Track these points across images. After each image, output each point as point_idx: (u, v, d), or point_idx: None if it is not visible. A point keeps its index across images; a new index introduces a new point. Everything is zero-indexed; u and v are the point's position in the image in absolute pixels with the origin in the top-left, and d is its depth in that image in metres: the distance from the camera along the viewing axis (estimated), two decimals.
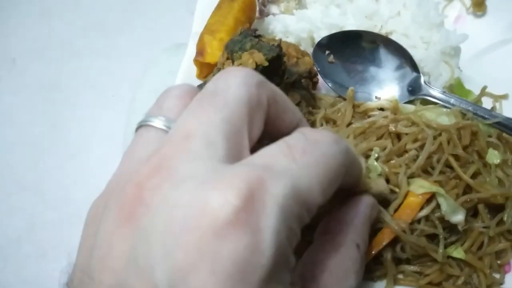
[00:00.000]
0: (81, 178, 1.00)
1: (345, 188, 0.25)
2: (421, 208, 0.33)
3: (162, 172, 0.18)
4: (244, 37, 0.38)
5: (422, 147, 0.36)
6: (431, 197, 0.33)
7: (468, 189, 0.35)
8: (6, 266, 0.98)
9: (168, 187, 0.17)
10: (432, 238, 0.35)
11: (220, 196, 0.16)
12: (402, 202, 0.33)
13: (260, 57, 0.36)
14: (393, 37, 0.46)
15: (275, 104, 0.22)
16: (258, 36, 0.38)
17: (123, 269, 0.16)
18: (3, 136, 1.14)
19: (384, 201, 0.33)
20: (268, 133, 0.22)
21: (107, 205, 0.19)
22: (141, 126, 0.22)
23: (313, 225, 0.25)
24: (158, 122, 0.22)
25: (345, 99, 0.42)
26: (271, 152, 0.19)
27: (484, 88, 0.44)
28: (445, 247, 0.35)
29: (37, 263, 0.97)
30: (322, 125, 0.41)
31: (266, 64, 0.36)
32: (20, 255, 1.03)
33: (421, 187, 0.33)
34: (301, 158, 0.19)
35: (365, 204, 0.27)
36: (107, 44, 1.26)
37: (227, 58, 0.37)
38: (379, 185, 0.32)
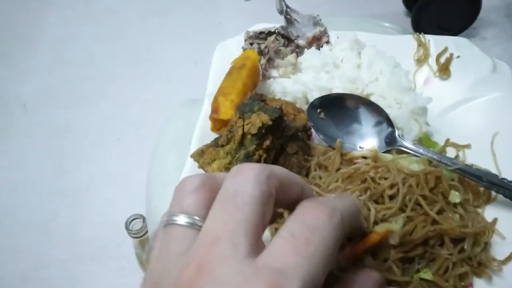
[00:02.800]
0: (87, 218, 1.04)
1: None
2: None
3: (203, 274, 0.20)
4: (252, 101, 0.46)
5: (397, 190, 0.44)
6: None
7: (434, 223, 0.43)
8: None
9: None
10: (404, 262, 0.42)
11: None
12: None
13: (265, 118, 0.44)
14: (373, 98, 0.53)
15: (281, 187, 0.24)
16: (264, 100, 0.47)
17: None
18: (11, 177, 1.19)
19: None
20: (277, 205, 0.25)
21: None
22: (168, 224, 0.24)
23: None
24: (182, 220, 0.24)
25: (334, 149, 0.49)
26: (281, 250, 0.21)
27: (447, 140, 0.52)
28: (418, 271, 0.42)
29: None
30: (315, 170, 0.49)
31: (270, 123, 0.44)
32: None
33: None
34: (306, 251, 0.21)
35: (371, 282, 0.26)
36: (113, 90, 1.35)
37: (239, 118, 0.45)
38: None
